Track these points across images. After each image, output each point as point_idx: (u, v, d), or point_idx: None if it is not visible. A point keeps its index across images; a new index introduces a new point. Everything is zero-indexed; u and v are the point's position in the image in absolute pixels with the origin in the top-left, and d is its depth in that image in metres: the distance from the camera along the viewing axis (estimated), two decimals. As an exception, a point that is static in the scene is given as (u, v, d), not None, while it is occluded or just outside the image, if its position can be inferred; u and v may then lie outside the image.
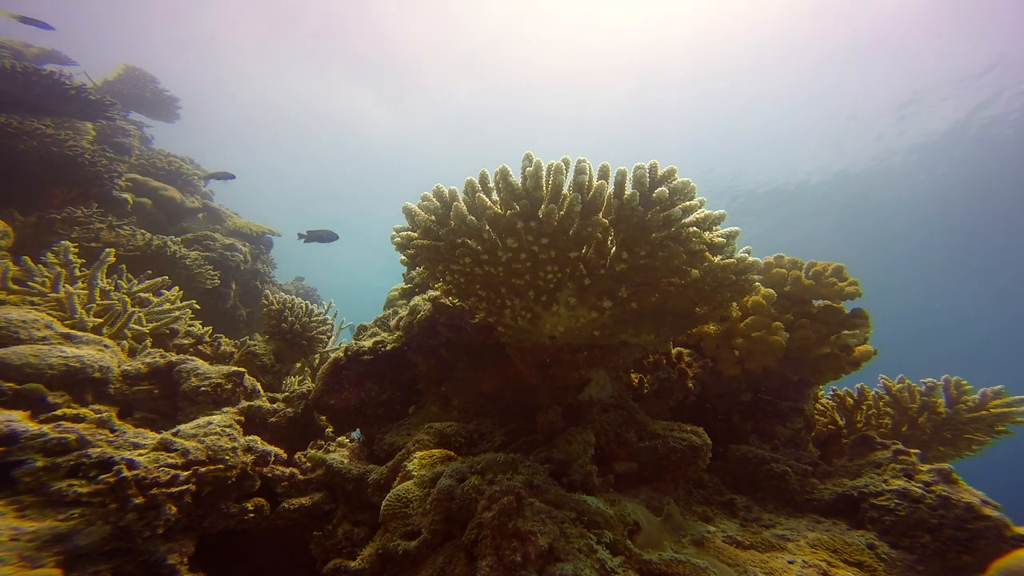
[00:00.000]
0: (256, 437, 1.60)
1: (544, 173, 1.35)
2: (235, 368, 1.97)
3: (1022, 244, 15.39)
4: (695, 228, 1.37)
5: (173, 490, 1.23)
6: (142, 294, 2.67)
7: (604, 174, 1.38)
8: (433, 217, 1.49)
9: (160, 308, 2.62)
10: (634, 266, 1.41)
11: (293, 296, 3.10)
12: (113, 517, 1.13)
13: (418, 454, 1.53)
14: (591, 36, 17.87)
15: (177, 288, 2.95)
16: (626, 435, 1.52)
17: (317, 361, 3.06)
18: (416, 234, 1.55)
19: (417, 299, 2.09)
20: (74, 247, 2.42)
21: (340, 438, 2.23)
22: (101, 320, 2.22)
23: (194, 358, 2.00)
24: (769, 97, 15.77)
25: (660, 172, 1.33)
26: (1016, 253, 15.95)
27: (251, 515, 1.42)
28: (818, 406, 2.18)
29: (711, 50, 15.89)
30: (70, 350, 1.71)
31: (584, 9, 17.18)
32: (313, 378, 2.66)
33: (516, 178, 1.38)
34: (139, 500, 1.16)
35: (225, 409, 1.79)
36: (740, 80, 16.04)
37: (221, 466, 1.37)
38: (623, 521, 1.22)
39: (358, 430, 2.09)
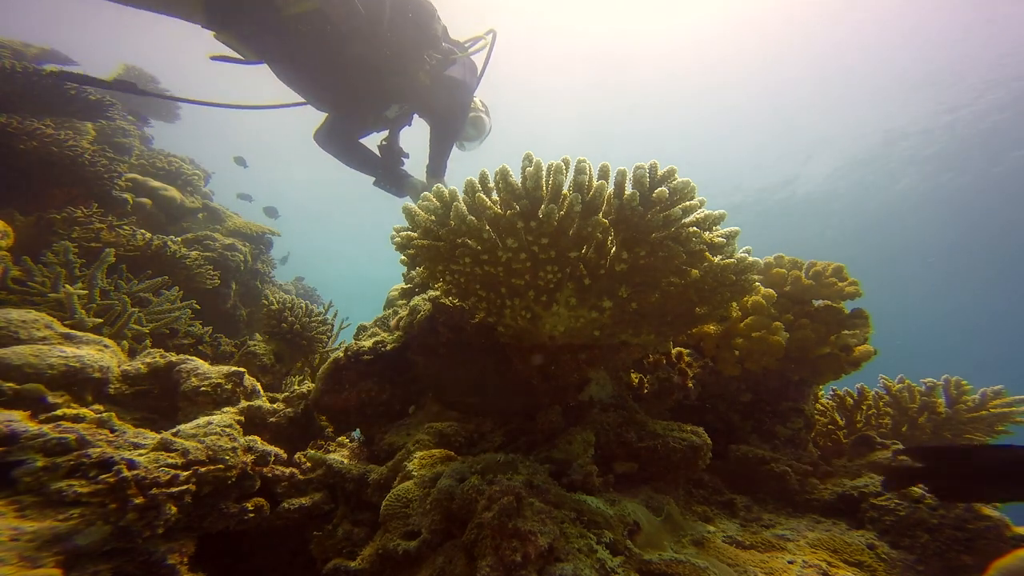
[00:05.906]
0: (256, 437, 1.60)
1: (544, 173, 1.35)
2: (235, 368, 1.97)
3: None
4: (695, 228, 1.37)
5: (173, 490, 1.22)
6: (142, 294, 2.67)
7: (604, 174, 1.38)
8: (433, 217, 1.49)
9: (160, 308, 2.62)
10: (634, 266, 1.41)
11: (293, 296, 3.11)
12: (113, 517, 1.13)
13: (418, 454, 1.53)
14: (597, 36, 17.92)
15: (177, 288, 2.94)
16: (626, 435, 1.52)
17: (317, 361, 3.06)
18: (416, 234, 1.55)
19: (417, 299, 2.09)
20: (74, 247, 2.42)
21: (340, 438, 2.22)
22: (101, 320, 2.22)
23: (194, 358, 2.00)
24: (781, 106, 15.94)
25: (660, 172, 1.33)
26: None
27: (251, 515, 1.42)
28: (818, 406, 2.18)
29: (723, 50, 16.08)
30: (70, 350, 1.71)
31: (592, 11, 17.26)
32: (313, 378, 2.66)
33: (516, 178, 1.37)
34: (139, 500, 1.15)
35: (225, 409, 1.79)
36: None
37: (221, 466, 1.37)
38: (623, 521, 1.22)
39: (358, 430, 2.09)
